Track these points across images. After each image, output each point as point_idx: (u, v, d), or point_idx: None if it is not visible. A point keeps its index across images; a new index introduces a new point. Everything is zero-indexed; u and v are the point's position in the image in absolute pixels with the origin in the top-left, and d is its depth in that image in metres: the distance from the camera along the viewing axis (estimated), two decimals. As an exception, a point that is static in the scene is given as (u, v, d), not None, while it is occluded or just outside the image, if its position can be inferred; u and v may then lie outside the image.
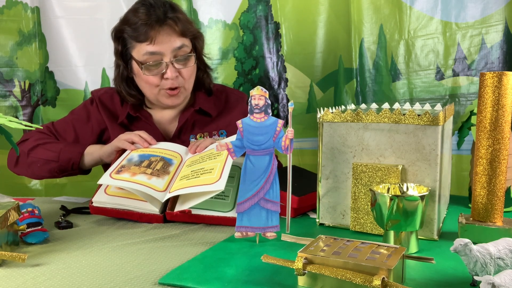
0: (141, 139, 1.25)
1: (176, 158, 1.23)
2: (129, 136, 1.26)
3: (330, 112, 1.05)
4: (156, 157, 1.21)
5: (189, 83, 1.40)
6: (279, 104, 1.93)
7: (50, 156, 1.32)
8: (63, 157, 1.31)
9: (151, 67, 1.33)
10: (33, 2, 2.03)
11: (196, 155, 1.22)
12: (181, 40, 1.34)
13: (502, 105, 0.92)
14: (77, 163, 1.31)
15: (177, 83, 1.35)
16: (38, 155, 1.34)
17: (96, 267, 0.86)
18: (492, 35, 1.62)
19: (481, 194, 0.95)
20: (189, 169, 1.15)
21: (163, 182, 1.14)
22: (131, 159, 1.20)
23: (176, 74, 1.34)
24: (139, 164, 1.17)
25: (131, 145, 1.25)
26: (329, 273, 0.71)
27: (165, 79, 1.34)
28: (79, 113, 1.48)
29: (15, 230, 0.98)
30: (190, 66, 1.37)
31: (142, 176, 1.13)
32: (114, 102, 1.46)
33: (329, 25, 1.84)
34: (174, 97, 1.38)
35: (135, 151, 1.24)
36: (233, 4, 1.92)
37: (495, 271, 0.71)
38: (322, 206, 1.09)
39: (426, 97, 1.71)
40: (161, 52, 1.31)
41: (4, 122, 0.94)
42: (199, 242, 1.00)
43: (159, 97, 1.39)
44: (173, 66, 1.33)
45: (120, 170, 1.15)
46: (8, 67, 2.06)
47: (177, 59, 1.34)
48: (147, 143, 1.25)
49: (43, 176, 1.39)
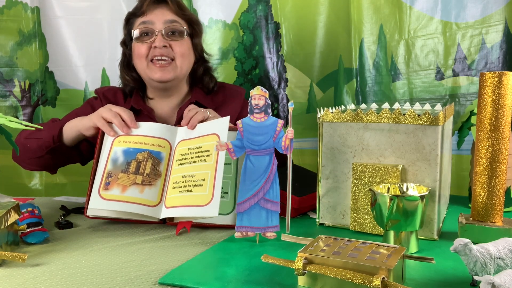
0: (120, 122, 1.18)
1: (164, 148, 1.15)
2: (109, 115, 1.19)
3: (330, 112, 1.05)
4: (143, 152, 1.14)
5: (181, 61, 1.40)
6: (279, 104, 1.93)
7: (38, 135, 1.33)
8: (48, 134, 1.31)
9: (142, 36, 1.38)
10: (33, 2, 2.03)
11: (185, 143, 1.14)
12: (175, 16, 1.39)
13: (502, 105, 0.92)
14: (56, 136, 1.30)
15: (166, 53, 1.37)
16: (30, 135, 1.35)
17: (96, 267, 0.86)
18: (492, 35, 1.61)
19: (481, 194, 0.95)
20: (180, 171, 1.09)
21: (156, 191, 1.09)
22: (116, 160, 1.13)
23: (164, 44, 1.36)
24: (126, 170, 1.11)
25: (110, 129, 1.18)
26: (329, 273, 0.71)
27: (154, 47, 1.36)
28: (83, 108, 1.49)
29: (15, 230, 0.98)
30: (182, 41, 1.39)
31: (133, 189, 1.08)
32: (117, 98, 1.48)
33: (329, 25, 1.84)
34: (163, 70, 1.37)
35: (117, 143, 1.16)
36: (233, 4, 1.92)
37: (495, 271, 0.71)
38: (322, 206, 1.09)
39: (426, 97, 1.71)
40: (152, 21, 1.37)
41: (4, 122, 0.94)
42: (199, 242, 1.00)
43: (148, 72, 1.39)
44: (163, 36, 1.37)
45: (108, 182, 1.09)
46: (8, 67, 2.05)
47: (167, 30, 1.37)
48: (126, 128, 1.18)
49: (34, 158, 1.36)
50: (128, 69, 1.47)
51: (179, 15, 1.40)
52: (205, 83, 1.49)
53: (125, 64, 1.47)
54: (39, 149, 1.32)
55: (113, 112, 1.19)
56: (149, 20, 1.37)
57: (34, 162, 1.39)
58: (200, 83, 1.49)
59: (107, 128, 1.18)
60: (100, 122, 1.19)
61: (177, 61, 1.39)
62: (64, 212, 1.24)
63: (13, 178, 2.05)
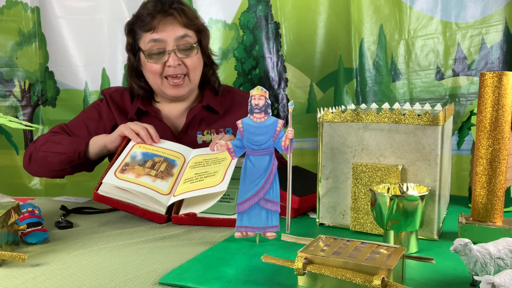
0: (146, 135, 1.25)
1: (179, 159, 1.23)
2: (136, 127, 1.26)
3: (330, 112, 1.05)
4: (159, 157, 1.21)
5: (194, 75, 1.41)
6: (279, 104, 1.93)
7: (59, 149, 1.34)
8: (71, 148, 1.33)
9: (154, 55, 1.37)
10: (33, 2, 2.03)
11: (200, 156, 1.22)
12: (184, 30, 1.37)
13: (502, 105, 0.92)
14: (83, 152, 1.32)
15: (180, 71, 1.37)
16: (49, 149, 1.36)
17: (96, 267, 0.86)
18: (492, 35, 1.61)
19: (481, 194, 0.95)
20: (193, 171, 1.15)
21: (167, 185, 1.14)
22: (135, 157, 1.19)
23: (178, 62, 1.37)
24: (143, 165, 1.17)
25: (136, 136, 1.25)
26: (329, 273, 0.71)
27: (167, 66, 1.37)
28: (90, 112, 1.49)
29: (15, 230, 0.98)
30: (193, 56, 1.39)
31: (146, 178, 1.13)
32: (124, 99, 1.49)
33: (329, 25, 1.84)
34: (177, 87, 1.40)
35: (138, 147, 1.23)
36: (233, 4, 1.92)
37: (495, 271, 0.71)
38: (322, 206, 1.09)
39: (426, 97, 1.71)
40: (163, 39, 1.35)
41: (4, 122, 0.94)
42: (199, 242, 1.00)
43: (162, 88, 1.41)
44: (175, 54, 1.36)
45: (125, 169, 1.15)
46: (8, 67, 2.06)
47: (180, 48, 1.37)
48: (150, 140, 1.25)
49: (54, 170, 1.38)
50: (137, 78, 1.46)
51: (188, 26, 1.38)
52: (212, 83, 1.50)
53: (133, 74, 1.46)
54: (60, 163, 1.35)
55: (141, 126, 1.27)
56: (160, 38, 1.35)
57: (52, 174, 1.43)
58: (208, 84, 1.50)
59: (134, 135, 1.25)
60: (128, 131, 1.26)
61: (190, 75, 1.41)
62: (64, 212, 1.24)
63: (13, 178, 2.05)
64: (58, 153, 1.34)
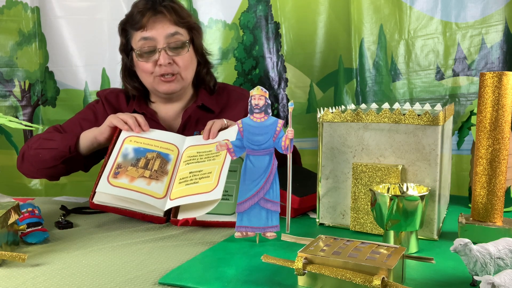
0: (134, 123, 1.24)
1: (172, 152, 1.21)
2: (125, 116, 1.25)
3: (330, 112, 1.05)
4: (152, 152, 1.19)
5: (186, 73, 1.40)
6: (279, 104, 1.93)
7: (51, 144, 1.34)
8: (62, 143, 1.32)
9: (145, 54, 1.36)
10: (33, 2, 2.03)
11: (193, 148, 1.20)
12: (175, 28, 1.36)
13: (502, 105, 0.92)
14: (73, 145, 1.31)
15: (171, 70, 1.36)
16: (41, 146, 1.36)
17: (96, 267, 0.86)
18: (492, 35, 1.61)
19: (481, 194, 0.95)
20: (187, 169, 1.13)
21: (162, 186, 1.12)
22: (126, 155, 1.17)
23: (169, 61, 1.35)
24: (135, 164, 1.15)
25: (124, 124, 1.24)
26: (329, 273, 0.71)
27: (159, 65, 1.36)
28: (85, 113, 1.49)
29: (15, 230, 0.98)
30: (184, 54, 1.38)
31: (140, 181, 1.12)
32: (120, 101, 1.48)
33: (329, 25, 1.84)
34: (169, 83, 1.38)
35: (129, 141, 1.21)
36: (233, 4, 1.92)
37: (495, 271, 0.71)
38: (322, 206, 1.09)
39: (426, 97, 1.71)
40: (153, 37, 1.34)
41: (4, 122, 0.94)
42: (199, 242, 1.00)
43: (154, 85, 1.40)
44: (166, 52, 1.35)
45: (117, 172, 1.13)
46: (8, 67, 2.05)
47: (171, 46, 1.36)
48: (139, 128, 1.24)
49: (46, 168, 1.36)
50: (130, 78, 1.46)
51: (179, 24, 1.37)
52: (206, 82, 1.49)
53: (127, 74, 1.46)
54: (52, 159, 1.33)
55: (130, 115, 1.26)
56: (150, 36, 1.34)
57: (44, 172, 1.41)
58: (203, 84, 1.49)
59: (122, 124, 1.24)
60: (116, 120, 1.25)
61: (182, 74, 1.39)
62: (64, 212, 1.24)
63: (13, 178, 2.04)
64: (49, 149, 1.33)
